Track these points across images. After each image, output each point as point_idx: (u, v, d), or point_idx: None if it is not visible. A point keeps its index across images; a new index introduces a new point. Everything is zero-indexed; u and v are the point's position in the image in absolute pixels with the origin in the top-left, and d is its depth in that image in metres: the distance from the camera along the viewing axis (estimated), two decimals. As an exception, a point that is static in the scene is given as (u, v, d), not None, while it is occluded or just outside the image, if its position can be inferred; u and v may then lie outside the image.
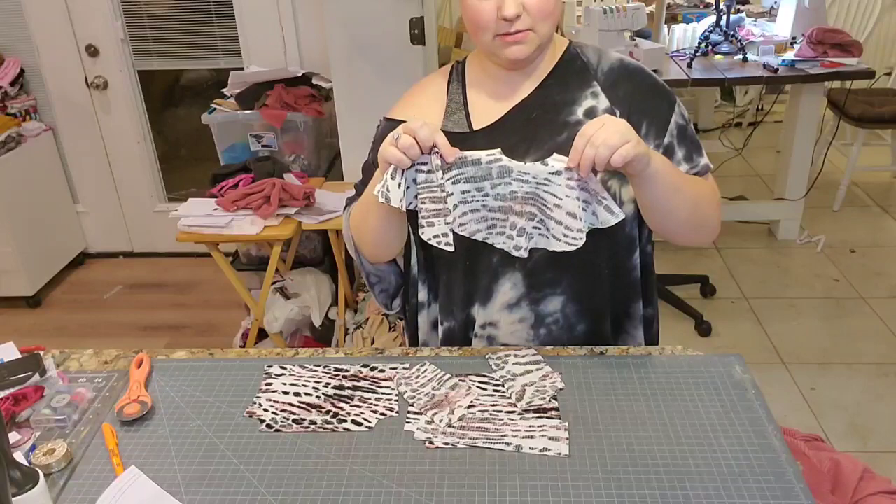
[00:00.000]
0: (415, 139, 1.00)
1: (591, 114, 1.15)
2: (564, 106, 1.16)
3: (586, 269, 1.17)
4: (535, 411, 1.04)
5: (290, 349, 1.24)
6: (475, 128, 1.19)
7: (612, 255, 1.18)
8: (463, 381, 1.11)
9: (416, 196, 1.07)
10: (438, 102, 1.23)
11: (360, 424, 1.04)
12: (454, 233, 1.08)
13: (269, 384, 1.13)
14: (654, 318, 1.30)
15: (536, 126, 1.16)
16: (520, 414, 1.04)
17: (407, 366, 1.15)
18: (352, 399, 1.09)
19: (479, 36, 1.12)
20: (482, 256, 1.17)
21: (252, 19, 3.11)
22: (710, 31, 3.29)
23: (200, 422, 1.06)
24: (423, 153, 1.01)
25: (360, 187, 1.30)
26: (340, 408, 1.07)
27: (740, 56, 3.20)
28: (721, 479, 0.91)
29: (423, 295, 1.29)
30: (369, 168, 1.28)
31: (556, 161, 1.00)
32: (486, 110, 1.19)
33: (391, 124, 1.24)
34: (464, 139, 1.18)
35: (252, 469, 0.97)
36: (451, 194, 1.04)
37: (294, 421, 1.05)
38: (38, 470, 0.86)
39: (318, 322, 2.69)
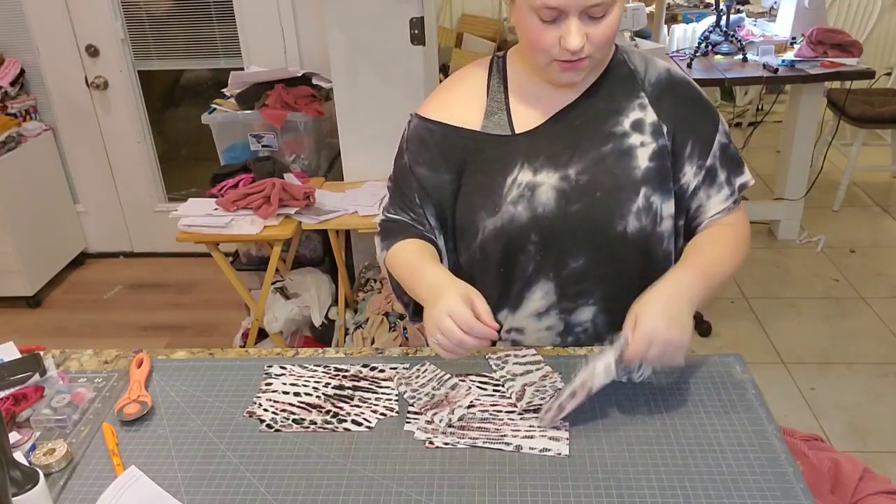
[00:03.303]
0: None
1: (637, 126, 1.12)
2: (610, 115, 1.14)
3: (620, 282, 1.15)
4: (535, 411, 1.04)
5: (290, 349, 1.24)
6: (517, 131, 1.15)
7: (646, 270, 1.15)
8: (463, 381, 1.11)
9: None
10: (477, 101, 1.19)
11: (360, 424, 1.04)
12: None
13: (269, 384, 1.13)
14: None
15: (580, 134, 1.13)
16: (520, 414, 1.04)
17: (407, 366, 1.15)
18: (352, 399, 1.09)
19: (534, 57, 1.09)
20: (517, 264, 1.15)
21: (252, 19, 3.11)
22: (710, 31, 3.29)
23: (200, 422, 1.06)
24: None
25: (393, 188, 1.26)
26: (340, 408, 1.07)
27: (740, 56, 3.21)
28: (721, 479, 0.91)
29: None
30: (405, 169, 1.23)
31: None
32: (528, 113, 1.16)
33: (424, 123, 1.20)
34: (504, 142, 1.15)
35: (252, 469, 0.97)
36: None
37: (294, 421, 1.05)
38: (38, 470, 0.86)
39: (318, 322, 2.69)
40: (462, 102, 1.19)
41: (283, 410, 1.07)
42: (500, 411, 1.04)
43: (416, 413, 1.05)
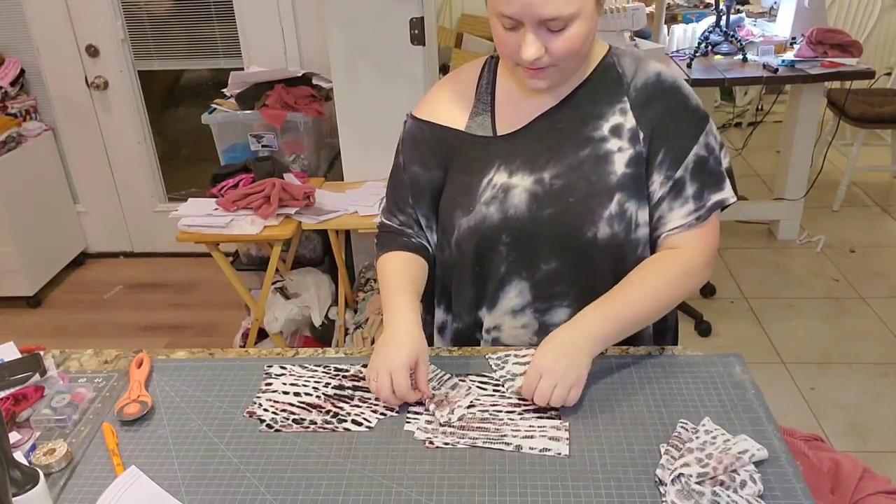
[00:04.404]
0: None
1: (616, 131, 1.12)
2: (592, 119, 1.13)
3: (594, 287, 1.14)
4: (535, 411, 1.04)
5: (290, 349, 1.24)
6: (499, 132, 1.16)
7: (617, 276, 1.14)
8: (463, 381, 1.11)
9: None
10: (465, 102, 1.20)
11: (360, 424, 1.04)
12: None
13: (269, 384, 1.13)
14: (667, 327, 1.27)
15: (561, 138, 1.13)
16: (520, 414, 1.04)
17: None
18: (352, 399, 1.09)
19: (503, 60, 1.11)
20: (491, 263, 1.16)
21: (252, 19, 3.11)
22: (710, 32, 3.29)
23: (200, 422, 1.06)
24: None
25: (389, 187, 1.29)
26: (340, 408, 1.07)
27: (740, 56, 3.21)
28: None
29: (436, 292, 1.29)
30: (399, 168, 1.26)
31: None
32: (512, 116, 1.17)
33: (416, 122, 1.23)
34: (485, 143, 1.16)
35: (252, 469, 0.97)
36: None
37: (294, 421, 1.05)
38: (38, 470, 0.86)
39: (318, 322, 2.69)
40: (451, 102, 1.21)
41: (283, 410, 1.07)
42: (500, 411, 1.04)
43: (416, 413, 1.05)
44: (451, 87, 1.23)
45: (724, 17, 3.28)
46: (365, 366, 1.15)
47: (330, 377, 1.14)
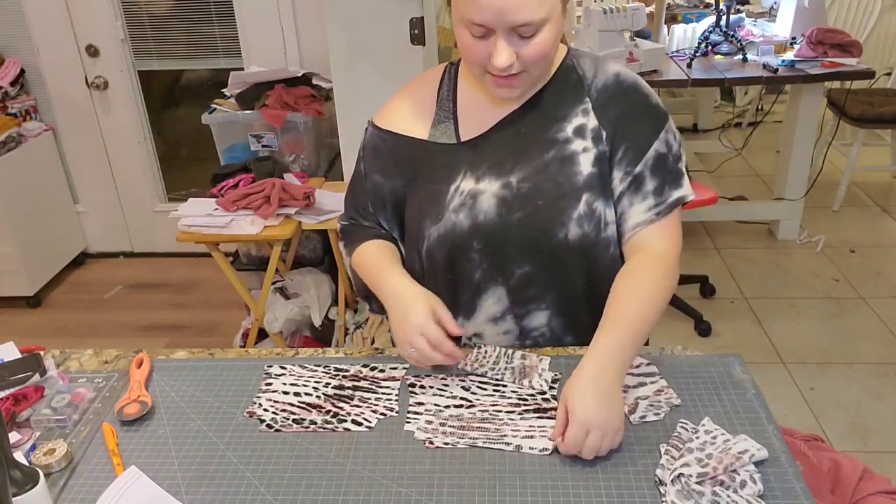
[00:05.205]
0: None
1: (579, 132, 1.13)
2: (555, 122, 1.14)
3: (567, 288, 1.15)
4: (535, 411, 1.04)
5: (290, 349, 1.24)
6: (463, 139, 1.17)
7: (590, 276, 1.15)
8: (531, 351, 1.15)
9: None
10: (427, 110, 1.20)
11: (360, 424, 1.04)
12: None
13: (270, 384, 1.13)
14: None
15: (525, 141, 1.14)
16: (520, 414, 1.04)
17: (419, 373, 1.15)
18: (352, 399, 1.09)
19: (470, 68, 1.10)
20: (464, 271, 1.16)
21: (252, 19, 3.11)
22: (710, 32, 3.29)
23: (200, 422, 1.06)
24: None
25: (349, 194, 1.29)
26: (340, 408, 1.07)
27: (740, 56, 3.21)
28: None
29: None
30: (360, 176, 1.26)
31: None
32: (475, 122, 1.17)
33: (377, 132, 1.23)
34: (450, 151, 1.17)
35: (252, 469, 0.97)
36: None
37: (294, 421, 1.05)
38: (38, 470, 0.86)
39: (318, 322, 2.69)
40: (413, 111, 1.21)
41: (283, 410, 1.07)
42: (500, 411, 1.04)
43: (415, 413, 1.05)
44: (412, 96, 1.23)
45: (724, 17, 3.28)
46: (365, 365, 1.15)
47: (330, 377, 1.14)
